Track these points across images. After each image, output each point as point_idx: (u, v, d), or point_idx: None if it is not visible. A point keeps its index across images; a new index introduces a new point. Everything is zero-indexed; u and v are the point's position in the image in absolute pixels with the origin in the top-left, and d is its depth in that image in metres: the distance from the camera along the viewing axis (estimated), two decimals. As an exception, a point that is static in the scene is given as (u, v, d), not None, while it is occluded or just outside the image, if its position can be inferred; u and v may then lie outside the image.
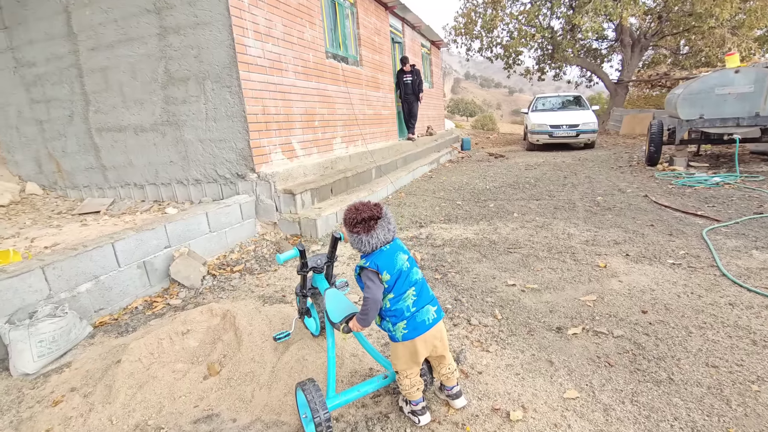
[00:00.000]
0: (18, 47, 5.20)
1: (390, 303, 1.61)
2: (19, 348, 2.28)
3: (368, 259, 1.59)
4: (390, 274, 1.57)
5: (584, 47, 18.67)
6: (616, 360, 2.08)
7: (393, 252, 1.61)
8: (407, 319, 1.61)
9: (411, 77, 8.95)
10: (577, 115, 11.17)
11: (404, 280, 1.60)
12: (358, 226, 1.57)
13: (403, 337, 1.61)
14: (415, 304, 1.62)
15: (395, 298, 1.60)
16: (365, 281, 1.58)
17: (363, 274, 1.60)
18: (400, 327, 1.61)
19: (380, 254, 1.59)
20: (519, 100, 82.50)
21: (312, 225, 4.39)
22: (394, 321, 1.62)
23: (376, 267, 1.56)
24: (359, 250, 1.63)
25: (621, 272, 3.11)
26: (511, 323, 2.51)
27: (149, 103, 4.68)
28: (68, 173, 5.55)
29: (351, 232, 1.59)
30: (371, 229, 1.56)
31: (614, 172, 7.35)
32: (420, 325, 1.61)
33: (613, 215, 4.65)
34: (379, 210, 1.59)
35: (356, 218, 1.57)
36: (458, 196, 6.16)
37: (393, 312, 1.61)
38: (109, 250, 3.06)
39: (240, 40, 4.20)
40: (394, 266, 1.58)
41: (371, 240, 1.57)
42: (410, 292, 1.61)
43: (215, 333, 2.40)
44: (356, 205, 1.62)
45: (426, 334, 1.63)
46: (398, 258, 1.60)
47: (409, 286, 1.61)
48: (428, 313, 1.64)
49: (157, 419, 1.89)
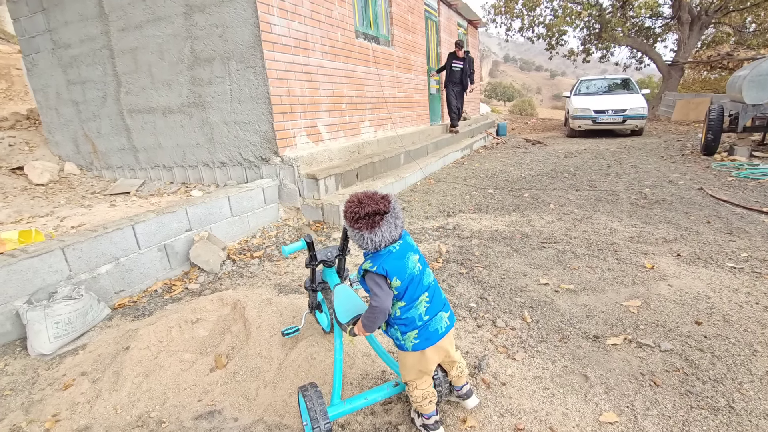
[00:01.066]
0: (55, 29, 5.30)
1: (401, 311, 1.41)
2: (36, 329, 2.29)
3: (375, 262, 1.36)
4: (401, 280, 1.36)
5: (636, 26, 17.32)
6: (664, 379, 1.81)
7: (403, 253, 1.39)
8: (419, 328, 1.42)
9: (462, 65, 8.26)
10: (625, 100, 10.37)
11: (417, 285, 1.40)
12: (361, 222, 1.34)
13: (414, 347, 1.43)
14: (428, 312, 1.43)
15: (407, 306, 1.40)
16: (371, 287, 1.37)
17: (368, 278, 1.38)
18: (411, 336, 1.42)
19: (389, 256, 1.37)
20: (561, 84, 78.64)
21: (335, 211, 4.25)
22: (404, 330, 1.43)
23: (384, 272, 1.35)
24: (361, 248, 1.40)
25: (671, 275, 2.78)
26: (541, 328, 2.28)
27: (176, 84, 4.65)
28: (103, 154, 5.68)
29: (352, 227, 1.37)
30: (375, 226, 1.33)
31: (664, 162, 6.75)
32: (432, 334, 1.43)
33: (662, 209, 4.22)
34: (386, 204, 1.35)
35: (358, 212, 1.34)
36: (490, 185, 5.84)
37: (404, 321, 1.42)
38: (129, 233, 3.05)
39: (264, 17, 4.05)
40: (405, 270, 1.37)
41: (374, 238, 1.34)
42: (423, 299, 1.42)
43: (225, 323, 2.32)
44: (359, 196, 1.38)
45: (438, 343, 1.45)
46: (409, 261, 1.39)
47: (422, 291, 1.42)
48: (441, 321, 1.45)
49: (160, 411, 1.82)
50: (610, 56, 18.99)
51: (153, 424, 1.75)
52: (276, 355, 2.05)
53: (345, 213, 1.40)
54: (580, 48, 18.53)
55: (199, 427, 1.71)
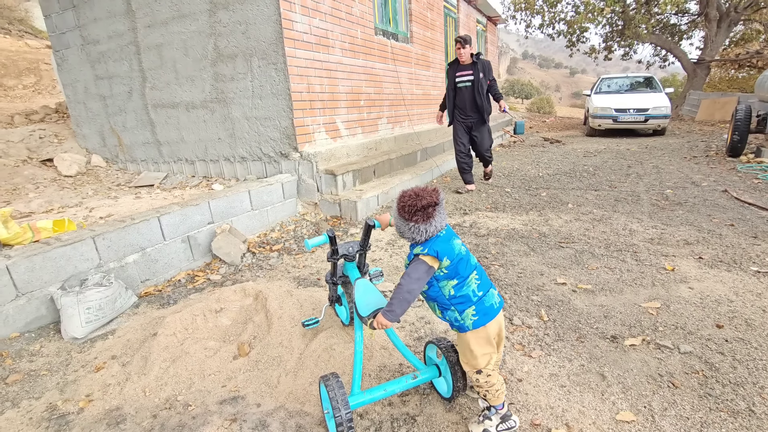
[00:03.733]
0: (84, 25, 5.47)
1: (454, 290, 1.48)
2: (69, 313, 2.40)
3: (425, 245, 1.44)
4: (450, 259, 1.44)
5: (660, 22, 16.85)
6: (683, 381, 1.81)
7: (449, 237, 1.48)
8: (475, 303, 1.48)
9: (471, 76, 4.87)
10: (648, 99, 10.14)
11: (465, 264, 1.48)
12: (418, 215, 1.41)
13: (474, 324, 1.47)
14: (480, 288, 1.50)
15: (459, 283, 1.48)
16: (410, 270, 1.45)
17: (414, 262, 1.46)
18: (469, 314, 1.48)
19: (437, 239, 1.45)
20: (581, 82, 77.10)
21: (352, 207, 4.30)
22: (461, 308, 1.48)
23: (435, 253, 1.42)
24: (412, 240, 1.47)
25: (692, 277, 2.74)
26: (558, 326, 2.28)
27: (199, 80, 4.75)
28: (128, 147, 5.84)
29: (408, 220, 1.43)
30: (430, 217, 1.41)
31: (687, 163, 6.60)
32: (489, 309, 1.49)
33: (684, 211, 4.15)
34: (437, 196, 1.44)
35: (416, 205, 1.41)
36: (507, 183, 5.81)
37: (459, 299, 1.48)
38: (155, 224, 3.15)
39: (287, 15, 4.11)
40: (453, 251, 1.45)
41: (429, 228, 1.42)
42: (473, 276, 1.50)
43: (247, 313, 2.39)
44: (414, 190, 1.46)
45: (495, 320, 1.51)
46: (455, 243, 1.48)
47: (471, 270, 1.50)
48: (493, 297, 1.53)
49: (186, 395, 1.90)
50: (632, 54, 18.54)
51: (180, 406, 1.83)
52: (297, 345, 2.11)
53: (401, 207, 1.45)
54: (602, 45, 18.13)
55: (223, 411, 1.78)
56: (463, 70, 4.97)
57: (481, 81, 4.86)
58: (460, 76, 4.98)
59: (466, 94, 4.99)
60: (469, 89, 4.95)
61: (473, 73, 4.89)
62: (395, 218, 1.50)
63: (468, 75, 4.93)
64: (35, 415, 1.83)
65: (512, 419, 1.56)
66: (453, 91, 5.07)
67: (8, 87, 11.60)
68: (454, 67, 5.06)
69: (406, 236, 1.48)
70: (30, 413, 1.84)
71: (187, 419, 1.74)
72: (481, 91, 4.90)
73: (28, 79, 12.38)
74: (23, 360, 2.22)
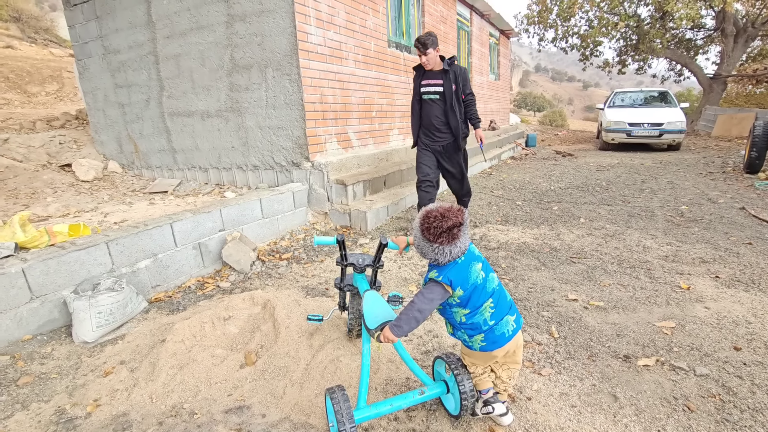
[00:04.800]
0: (106, 35, 5.64)
1: (465, 318, 1.47)
2: (80, 317, 2.43)
3: (441, 272, 1.41)
4: (464, 290, 1.41)
5: (676, 37, 16.77)
6: (698, 405, 1.75)
7: (468, 264, 1.44)
8: (485, 332, 1.47)
9: (441, 86, 3.81)
10: (662, 113, 10.04)
11: (480, 293, 1.45)
12: (443, 236, 1.35)
13: (481, 348, 1.49)
14: (494, 317, 1.47)
15: (471, 313, 1.46)
16: (424, 290, 1.44)
17: (430, 284, 1.45)
18: (478, 339, 1.49)
19: (453, 267, 1.41)
20: (594, 95, 76.74)
21: (362, 217, 4.31)
22: (470, 334, 1.50)
23: (449, 282, 1.39)
24: (435, 261, 1.43)
25: (708, 297, 2.68)
26: (569, 344, 2.24)
27: (215, 89, 4.85)
28: (144, 154, 5.96)
29: (433, 242, 1.37)
30: (456, 238, 1.36)
31: (703, 179, 6.49)
32: (499, 338, 1.48)
33: (700, 228, 4.07)
34: (462, 215, 1.38)
35: (442, 227, 1.35)
36: (518, 196, 5.77)
37: (469, 326, 1.48)
38: (168, 230, 3.19)
39: (302, 27, 4.19)
40: (468, 280, 1.41)
41: (453, 249, 1.37)
42: (487, 305, 1.46)
43: (255, 322, 2.39)
44: (439, 211, 1.39)
45: (505, 346, 1.50)
46: (473, 270, 1.43)
47: (486, 298, 1.46)
48: (507, 324, 1.50)
49: (192, 403, 1.90)
50: (647, 68, 18.43)
51: (186, 414, 1.83)
52: (303, 355, 2.10)
53: (427, 229, 1.39)
54: (616, 59, 18.08)
55: (228, 420, 1.78)
56: (430, 77, 3.80)
57: (454, 93, 3.76)
58: (426, 86, 3.83)
59: (434, 109, 3.85)
60: (439, 103, 3.83)
61: (443, 82, 3.75)
62: (418, 239, 1.44)
63: (436, 85, 3.78)
64: (44, 418, 1.84)
65: (494, 406, 1.61)
66: (418, 104, 3.93)
67: (32, 93, 11.97)
68: (419, 73, 3.89)
69: (429, 257, 1.43)
70: (39, 416, 1.85)
71: (192, 427, 1.74)
72: (454, 106, 3.77)
73: (51, 86, 12.77)
74: (34, 362, 2.24)
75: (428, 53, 3.67)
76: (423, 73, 3.87)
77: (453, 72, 3.76)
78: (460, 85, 3.81)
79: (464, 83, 3.84)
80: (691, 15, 12.78)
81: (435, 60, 3.74)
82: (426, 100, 3.89)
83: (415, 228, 1.46)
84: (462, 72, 3.82)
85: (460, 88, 3.82)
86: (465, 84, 3.85)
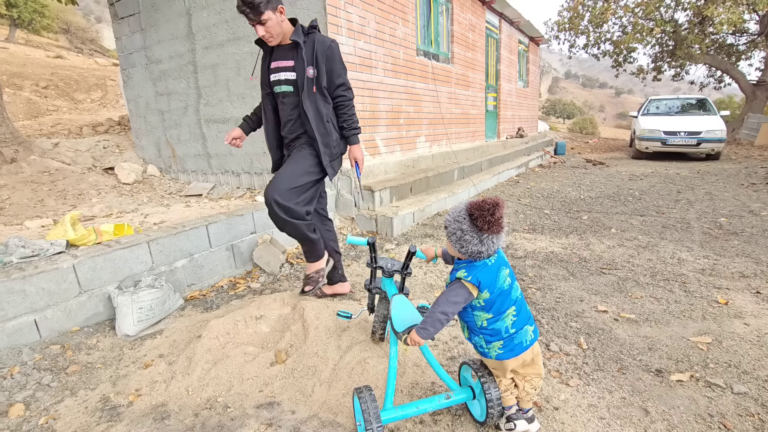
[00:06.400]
0: (149, 46, 5.96)
1: (487, 322, 1.47)
2: (123, 312, 2.58)
3: (470, 272, 1.41)
4: (490, 293, 1.42)
5: (716, 42, 16.12)
6: (735, 423, 1.69)
7: (497, 267, 1.44)
8: (504, 339, 1.47)
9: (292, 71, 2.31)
10: (700, 121, 9.67)
11: (505, 299, 1.46)
12: (494, 225, 1.33)
13: (498, 356, 1.49)
14: (515, 325, 1.47)
15: (494, 318, 1.46)
16: (449, 291, 1.44)
17: (455, 284, 1.44)
18: (496, 347, 1.48)
19: (483, 268, 1.41)
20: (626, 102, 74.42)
21: (388, 223, 4.36)
22: (489, 339, 1.49)
23: (477, 283, 1.39)
24: (470, 255, 1.39)
25: (748, 313, 2.57)
26: (598, 356, 2.21)
27: (249, 97, 5.04)
28: (180, 159, 6.24)
29: (483, 231, 1.34)
30: (501, 230, 1.35)
31: (744, 190, 6.20)
32: (517, 347, 1.48)
33: (740, 242, 3.90)
34: (503, 208, 1.37)
35: (495, 214, 1.32)
36: (546, 204, 5.69)
37: (490, 331, 1.48)
38: (203, 232, 3.34)
39: (333, 37, 4.30)
40: (495, 284, 1.42)
41: (495, 241, 1.36)
42: (510, 312, 1.47)
43: (285, 322, 2.47)
44: (488, 201, 1.36)
45: (521, 356, 1.50)
46: (501, 275, 1.44)
47: (509, 305, 1.47)
48: (526, 334, 1.50)
49: (225, 397, 1.99)
50: (684, 75, 17.79)
51: (219, 407, 1.92)
52: (331, 356, 2.16)
53: (478, 217, 1.35)
54: (651, 65, 17.55)
55: (260, 415, 1.85)
56: (279, 57, 2.38)
57: (313, 82, 2.32)
58: (275, 71, 2.40)
59: (287, 109, 2.45)
60: (290, 98, 2.41)
61: (294, 64, 2.33)
62: (459, 233, 1.38)
63: (286, 69, 2.35)
64: (90, 404, 1.97)
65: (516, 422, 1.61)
66: (270, 103, 2.51)
67: (78, 101, 12.72)
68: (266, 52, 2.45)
69: (470, 251, 1.38)
70: (86, 403, 1.98)
71: (226, 420, 1.82)
72: (311, 104, 2.34)
73: (96, 93, 13.53)
74: (81, 353, 2.40)
75: (265, 20, 2.17)
76: (271, 52, 2.42)
77: (312, 45, 2.30)
78: (324, 68, 2.33)
79: (331, 65, 2.35)
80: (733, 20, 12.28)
81: (280, 28, 2.25)
82: (278, 94, 2.45)
83: (456, 220, 1.39)
84: (327, 47, 2.32)
85: (324, 73, 2.34)
86: (333, 67, 2.36)
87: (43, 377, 2.15)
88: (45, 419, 1.86)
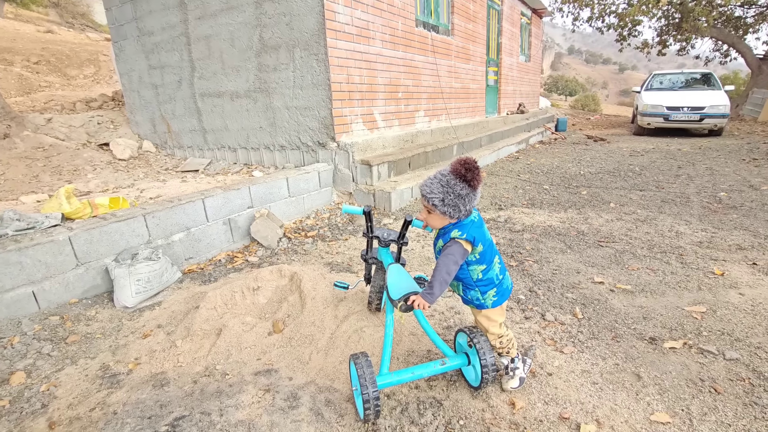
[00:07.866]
0: (140, 17, 5.79)
1: (482, 274, 1.58)
2: (121, 284, 2.59)
3: (462, 230, 1.49)
4: (483, 245, 1.52)
5: (723, 15, 15.68)
6: (726, 387, 1.72)
7: (481, 221, 1.56)
8: (497, 286, 1.60)
9: None
10: (704, 96, 9.51)
11: (491, 248, 1.58)
12: (477, 179, 1.42)
13: (494, 304, 1.61)
14: (501, 271, 1.63)
15: (487, 268, 1.57)
16: (448, 251, 1.49)
17: (452, 244, 1.49)
18: (491, 295, 1.60)
19: (473, 225, 1.51)
20: (630, 79, 73.08)
21: (386, 198, 4.34)
22: (484, 290, 1.60)
23: (472, 239, 1.49)
24: (466, 214, 1.50)
25: (743, 283, 2.58)
26: (593, 325, 2.22)
27: (244, 70, 4.93)
28: (176, 134, 6.15)
29: (470, 183, 1.41)
30: (480, 184, 1.46)
31: (745, 165, 6.16)
32: (506, 290, 1.64)
33: (739, 215, 3.89)
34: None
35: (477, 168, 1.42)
36: (546, 180, 5.65)
37: (484, 282, 1.59)
38: (200, 206, 3.32)
39: (330, 6, 4.17)
40: (485, 236, 1.54)
41: (476, 196, 1.48)
42: (496, 260, 1.61)
43: (282, 293, 2.48)
44: (464, 159, 1.44)
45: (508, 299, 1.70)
46: (485, 228, 1.57)
47: (495, 253, 1.60)
48: (509, 278, 1.69)
49: (224, 365, 2.01)
50: (690, 49, 17.38)
51: (218, 375, 1.94)
52: (328, 325, 2.18)
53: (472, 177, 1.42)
54: (656, 39, 17.13)
55: (258, 381, 1.87)
56: None
57: None
58: None
59: None
60: None
61: None
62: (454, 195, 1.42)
63: None
64: (90, 372, 1.99)
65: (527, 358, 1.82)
66: None
67: (71, 76, 12.46)
68: None
69: (468, 208, 1.47)
70: (86, 371, 2.01)
71: (224, 386, 1.85)
72: None
73: (89, 69, 13.23)
74: (81, 323, 2.42)
75: None
76: None
77: None
78: None
79: None
80: (742, -10, 11.88)
81: None
82: None
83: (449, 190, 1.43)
84: None
85: None
86: None
87: (43, 347, 2.17)
88: (46, 386, 1.89)
